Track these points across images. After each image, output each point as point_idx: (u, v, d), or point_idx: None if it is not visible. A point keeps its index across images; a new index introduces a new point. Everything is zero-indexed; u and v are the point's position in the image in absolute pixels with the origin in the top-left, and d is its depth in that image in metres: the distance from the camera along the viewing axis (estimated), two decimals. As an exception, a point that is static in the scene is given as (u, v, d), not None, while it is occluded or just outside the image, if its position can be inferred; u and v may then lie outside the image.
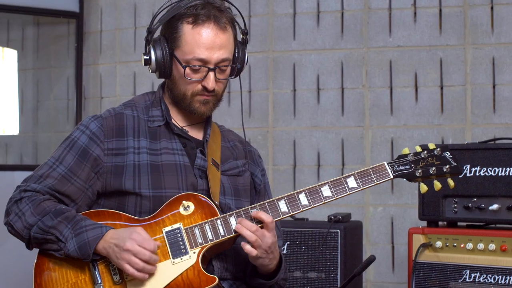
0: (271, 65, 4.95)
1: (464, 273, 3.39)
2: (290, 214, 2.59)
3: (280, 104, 4.92)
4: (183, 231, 2.56)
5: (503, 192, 3.41)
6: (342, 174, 2.63)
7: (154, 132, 2.69)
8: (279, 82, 4.93)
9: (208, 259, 2.62)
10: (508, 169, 3.40)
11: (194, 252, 2.54)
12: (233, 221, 2.56)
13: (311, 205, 2.58)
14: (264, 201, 2.59)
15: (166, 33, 2.68)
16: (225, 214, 2.58)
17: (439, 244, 3.47)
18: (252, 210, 2.57)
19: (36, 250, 2.62)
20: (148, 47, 2.69)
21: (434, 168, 2.61)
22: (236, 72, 2.75)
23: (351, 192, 2.60)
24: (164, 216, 2.58)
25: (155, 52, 2.66)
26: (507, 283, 3.29)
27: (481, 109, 4.52)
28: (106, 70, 5.41)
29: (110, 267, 2.53)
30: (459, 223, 3.61)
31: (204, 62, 2.62)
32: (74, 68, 5.38)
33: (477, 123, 4.52)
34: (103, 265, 2.54)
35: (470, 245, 3.40)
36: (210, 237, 2.55)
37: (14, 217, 2.58)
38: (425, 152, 2.63)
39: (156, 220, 2.57)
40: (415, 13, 4.69)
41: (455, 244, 3.44)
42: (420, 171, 2.61)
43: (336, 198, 2.59)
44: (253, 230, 2.52)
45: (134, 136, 2.67)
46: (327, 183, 2.59)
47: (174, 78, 2.68)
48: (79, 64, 5.37)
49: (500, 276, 3.31)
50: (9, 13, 5.35)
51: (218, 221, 2.56)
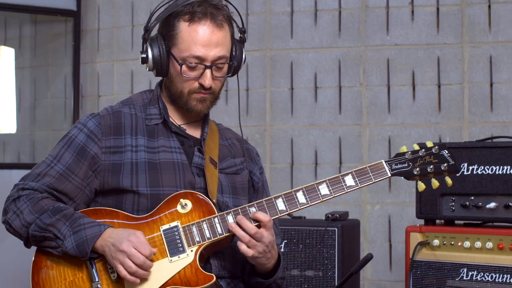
0: (269, 64, 4.95)
1: (462, 272, 3.39)
2: (288, 212, 2.59)
3: (278, 103, 4.92)
4: (181, 229, 2.55)
5: (501, 191, 3.41)
6: (340, 173, 2.63)
7: (152, 130, 2.69)
8: (277, 81, 4.93)
9: (206, 257, 2.62)
10: (506, 168, 3.41)
11: (192, 250, 2.53)
12: (231, 219, 2.55)
13: (309, 203, 2.58)
14: (262, 199, 2.59)
15: (163, 31, 2.68)
16: (223, 212, 2.58)
17: (437, 243, 3.47)
18: (250, 209, 2.57)
19: (34, 248, 2.62)
20: (145, 45, 2.69)
21: (432, 166, 2.60)
22: (234, 70, 2.75)
23: (349, 190, 2.59)
24: (162, 214, 2.57)
25: (152, 50, 2.66)
26: (504, 281, 3.29)
27: (479, 108, 4.52)
28: (104, 68, 5.40)
29: (108, 265, 2.53)
30: (457, 222, 3.62)
31: (201, 60, 2.61)
32: (72, 66, 5.37)
33: (475, 122, 4.53)
34: (101, 263, 2.53)
35: (468, 244, 3.40)
36: (208, 235, 2.55)
37: (12, 216, 2.58)
38: (423, 150, 2.62)
39: (154, 218, 2.57)
40: (413, 12, 4.69)
41: (453, 243, 3.44)
42: (418, 169, 2.61)
43: (334, 196, 2.59)
44: (252, 233, 2.51)
45: (132, 134, 2.66)
46: (325, 181, 2.59)
47: (171, 76, 2.68)
48: (77, 62, 5.36)
49: (498, 275, 3.31)
50: (7, 11, 5.34)
51: (216, 219, 2.56)
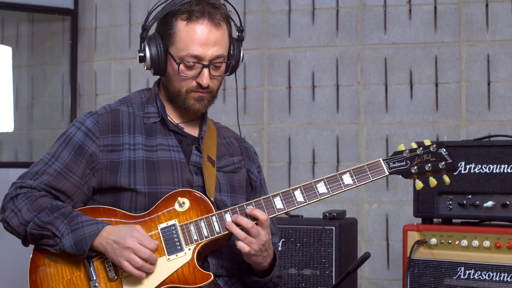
0: (266, 62, 4.95)
1: (459, 270, 3.40)
2: (286, 211, 2.59)
3: (275, 101, 4.92)
4: (178, 228, 2.55)
5: (498, 189, 3.42)
6: (337, 171, 2.63)
7: (150, 129, 2.69)
8: (274, 79, 4.93)
9: (204, 256, 2.62)
10: (503, 166, 3.41)
11: (190, 249, 2.54)
12: (229, 218, 2.55)
13: (307, 202, 2.58)
14: (260, 198, 2.59)
15: (161, 30, 2.68)
16: (221, 211, 2.58)
17: (434, 241, 3.47)
18: (248, 207, 2.57)
19: (32, 247, 2.62)
20: (143, 44, 2.69)
21: (430, 165, 2.60)
22: (231, 69, 2.75)
23: (347, 189, 2.59)
24: (160, 213, 2.57)
25: (150, 49, 2.66)
26: (502, 280, 3.29)
27: (476, 106, 4.53)
28: (101, 67, 5.40)
29: (106, 264, 2.53)
30: (454, 220, 3.62)
31: (199, 59, 2.61)
32: (69, 65, 5.37)
33: (472, 120, 4.53)
34: (99, 262, 2.53)
35: (465, 242, 3.40)
36: (206, 234, 2.55)
37: (10, 214, 2.58)
38: (421, 149, 2.62)
39: (152, 217, 2.57)
40: (410, 10, 4.69)
41: (450, 241, 3.44)
42: (416, 168, 2.61)
43: (332, 195, 2.59)
44: (249, 227, 2.51)
45: (130, 133, 2.66)
46: (323, 180, 2.59)
47: (169, 75, 2.68)
48: (74, 61, 5.36)
49: (495, 273, 3.31)
50: (4, 10, 5.33)
51: (214, 218, 2.56)
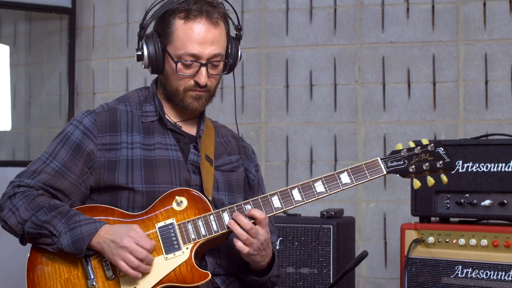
0: (264, 61, 4.95)
1: (456, 269, 3.40)
2: (283, 210, 2.59)
3: (273, 100, 4.92)
4: (176, 227, 2.55)
5: (495, 188, 3.42)
6: (335, 170, 2.63)
7: (148, 127, 2.69)
8: (272, 78, 4.93)
9: (201, 255, 2.62)
10: (500, 165, 3.41)
11: (187, 248, 2.53)
12: (226, 217, 2.55)
13: (304, 201, 2.58)
14: (257, 197, 2.59)
15: (159, 29, 2.68)
16: (218, 210, 2.57)
17: (432, 240, 3.47)
18: (245, 206, 2.57)
19: (30, 245, 2.62)
20: (141, 43, 2.69)
21: (428, 164, 2.60)
22: (229, 68, 2.74)
23: (344, 188, 2.59)
24: (157, 212, 2.57)
25: (148, 48, 2.66)
26: (499, 279, 3.30)
27: (474, 105, 4.53)
28: (99, 66, 5.39)
29: (103, 263, 2.53)
30: (452, 219, 3.62)
31: (196, 58, 2.61)
32: (67, 64, 5.37)
33: (470, 119, 4.53)
34: (96, 261, 2.53)
35: (462, 241, 3.40)
36: (203, 233, 2.55)
37: (8, 213, 2.58)
38: (419, 148, 2.62)
39: (149, 216, 2.57)
40: (408, 9, 4.69)
41: (448, 240, 3.45)
42: (413, 167, 2.60)
43: (329, 194, 2.59)
44: (248, 228, 2.51)
45: (128, 131, 2.66)
46: (321, 179, 2.59)
47: (167, 74, 2.68)
48: (72, 60, 5.36)
49: (492, 272, 3.32)
50: (1, 9, 5.33)
51: (211, 217, 2.56)
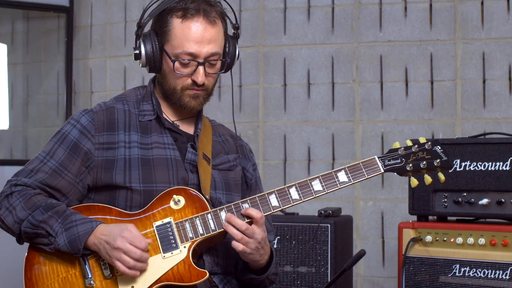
0: (262, 60, 4.95)
1: (454, 268, 3.40)
2: (281, 209, 2.58)
3: (271, 99, 4.92)
4: (174, 226, 2.55)
5: (493, 187, 3.42)
6: (333, 169, 2.63)
7: (145, 126, 2.69)
8: (270, 77, 4.93)
9: (199, 254, 2.62)
10: (498, 164, 3.41)
11: (185, 247, 2.53)
12: (224, 216, 2.55)
13: (302, 200, 2.58)
14: (255, 196, 2.59)
15: (156, 27, 2.68)
16: (216, 209, 2.57)
17: (429, 239, 3.47)
18: (243, 205, 2.57)
19: (27, 245, 2.62)
20: (138, 42, 2.69)
21: (425, 162, 2.60)
22: (227, 67, 2.74)
23: (342, 186, 2.59)
24: (155, 211, 2.57)
25: (145, 47, 2.66)
26: (497, 277, 3.30)
27: (471, 104, 4.53)
28: (97, 65, 5.39)
29: (101, 262, 2.53)
30: (449, 218, 3.62)
31: (194, 56, 2.61)
32: (64, 63, 5.37)
33: (467, 118, 4.53)
34: (94, 260, 2.53)
35: (460, 240, 3.41)
36: (201, 232, 2.55)
37: (5, 212, 2.57)
38: (416, 146, 2.62)
39: (147, 215, 2.57)
40: (406, 8, 4.69)
41: (445, 239, 3.45)
42: (411, 165, 2.60)
43: (327, 193, 2.59)
44: (243, 229, 2.51)
45: (125, 130, 2.66)
46: (318, 178, 2.59)
47: (164, 72, 2.68)
48: (69, 59, 5.36)
49: (490, 270, 3.32)
50: (-1, 7, 5.34)
51: (209, 216, 2.56)
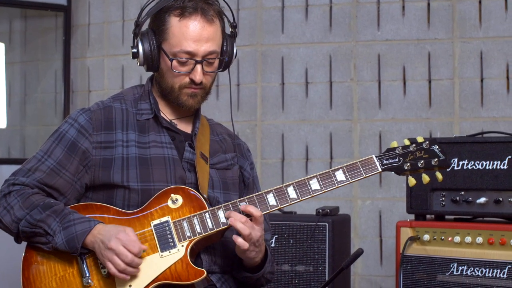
0: (260, 59, 4.94)
1: (452, 266, 3.40)
2: (279, 207, 2.58)
3: (269, 98, 4.92)
4: (171, 224, 2.55)
5: (491, 186, 3.42)
6: (330, 168, 2.63)
7: (143, 125, 2.69)
8: (268, 76, 4.93)
9: (197, 253, 2.62)
10: (496, 163, 3.41)
11: (182, 246, 2.53)
12: (222, 214, 2.55)
13: (300, 198, 2.58)
14: (253, 194, 2.59)
15: (154, 26, 2.68)
16: (214, 208, 2.57)
17: (427, 237, 3.48)
18: (241, 204, 2.57)
19: (25, 244, 2.62)
20: (136, 40, 2.69)
21: (423, 162, 2.60)
22: (225, 65, 2.74)
23: (340, 185, 2.59)
24: (153, 209, 2.57)
25: (143, 45, 2.66)
26: (494, 276, 3.30)
27: (469, 103, 4.53)
28: (94, 63, 5.39)
29: (98, 261, 2.52)
30: (447, 217, 3.62)
31: (191, 55, 2.61)
32: (62, 61, 5.36)
33: (465, 117, 4.54)
34: (91, 259, 2.53)
35: (458, 238, 3.41)
36: (199, 230, 2.54)
37: (3, 211, 2.57)
38: (414, 146, 2.62)
39: (144, 213, 2.57)
40: (404, 7, 4.69)
41: (443, 237, 3.45)
42: (409, 164, 2.60)
43: (325, 191, 2.59)
44: (243, 221, 2.51)
45: (123, 129, 2.66)
46: (316, 176, 2.59)
47: (162, 71, 2.68)
48: (67, 57, 5.35)
49: (488, 269, 3.32)
50: (-3, 6, 5.34)
51: (207, 214, 2.56)
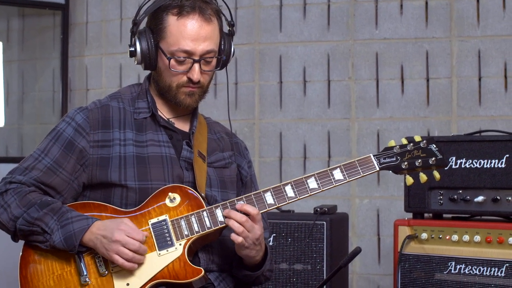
0: (257, 57, 4.94)
1: (450, 265, 3.40)
2: (276, 206, 2.58)
3: (266, 96, 4.92)
4: (169, 223, 2.55)
5: (488, 184, 3.42)
6: (328, 167, 2.63)
7: (140, 124, 2.69)
8: (265, 74, 4.93)
9: (194, 251, 2.62)
10: (494, 161, 3.42)
11: (180, 244, 2.53)
12: (219, 213, 2.55)
13: (297, 197, 2.58)
14: (250, 193, 2.59)
15: (152, 25, 2.67)
16: (211, 206, 2.57)
17: (425, 236, 3.48)
18: (238, 202, 2.57)
19: (22, 242, 2.61)
20: (134, 39, 2.69)
21: (420, 161, 2.60)
22: (222, 64, 2.74)
23: (337, 184, 2.59)
24: (150, 208, 2.57)
25: (140, 44, 2.66)
26: (492, 275, 3.30)
27: (467, 102, 4.54)
28: (92, 62, 5.38)
29: (96, 259, 2.53)
30: (445, 215, 3.63)
31: (189, 54, 2.61)
32: (60, 60, 5.35)
33: (463, 116, 4.54)
34: (89, 257, 2.53)
35: (456, 237, 3.41)
36: (196, 229, 2.55)
37: (0, 210, 2.57)
38: (411, 145, 2.62)
39: (142, 212, 2.57)
40: (401, 6, 4.69)
41: (441, 236, 3.45)
42: (406, 164, 2.61)
43: (322, 190, 2.59)
44: (243, 221, 2.51)
45: (120, 128, 2.66)
46: (313, 175, 2.59)
47: (160, 70, 2.68)
48: (65, 56, 5.35)
49: (485, 268, 3.32)
50: (-6, 5, 5.33)
51: (204, 213, 2.56)
